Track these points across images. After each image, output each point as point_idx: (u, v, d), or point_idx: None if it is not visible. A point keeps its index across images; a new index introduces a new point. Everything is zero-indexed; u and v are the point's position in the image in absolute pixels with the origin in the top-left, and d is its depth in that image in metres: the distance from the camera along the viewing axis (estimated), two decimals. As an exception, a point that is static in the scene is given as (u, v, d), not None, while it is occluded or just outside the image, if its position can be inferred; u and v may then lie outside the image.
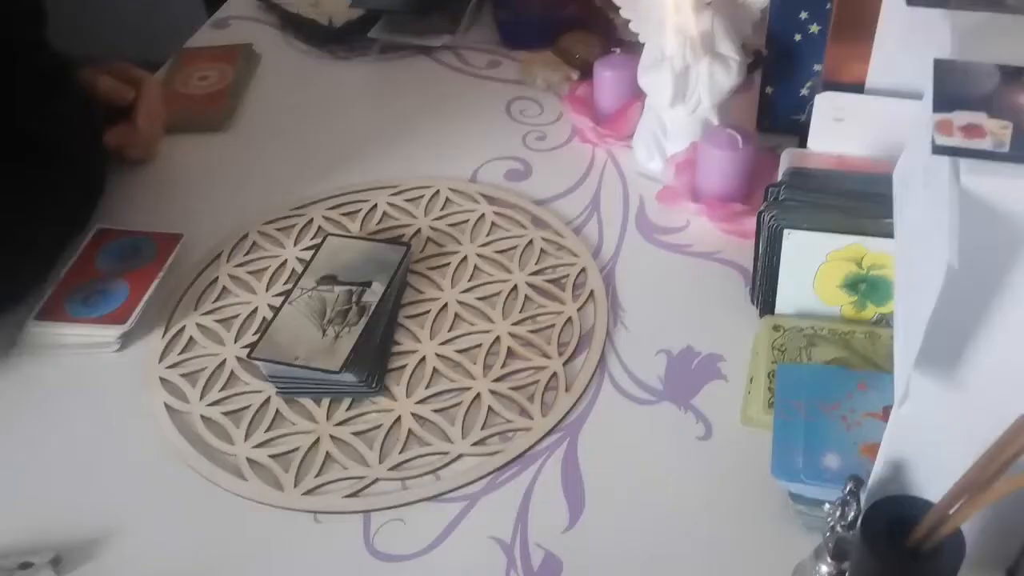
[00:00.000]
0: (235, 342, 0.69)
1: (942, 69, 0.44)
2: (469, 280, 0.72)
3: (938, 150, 0.40)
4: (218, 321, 0.71)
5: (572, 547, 0.56)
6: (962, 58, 0.44)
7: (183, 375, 0.67)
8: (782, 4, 0.77)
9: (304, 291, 0.68)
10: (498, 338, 0.68)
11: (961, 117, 0.41)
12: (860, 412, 0.55)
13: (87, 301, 0.70)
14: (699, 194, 0.76)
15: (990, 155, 0.39)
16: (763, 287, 0.66)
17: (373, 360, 0.65)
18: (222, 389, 0.66)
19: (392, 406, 0.64)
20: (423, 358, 0.67)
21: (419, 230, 0.77)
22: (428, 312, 0.70)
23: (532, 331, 0.68)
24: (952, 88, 0.42)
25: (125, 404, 0.65)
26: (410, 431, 0.62)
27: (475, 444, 0.61)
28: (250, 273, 0.74)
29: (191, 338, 0.69)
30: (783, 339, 0.63)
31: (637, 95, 0.82)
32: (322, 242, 0.72)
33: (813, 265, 0.63)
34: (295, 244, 0.77)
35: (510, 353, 0.67)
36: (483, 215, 0.78)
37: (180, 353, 0.68)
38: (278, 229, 0.78)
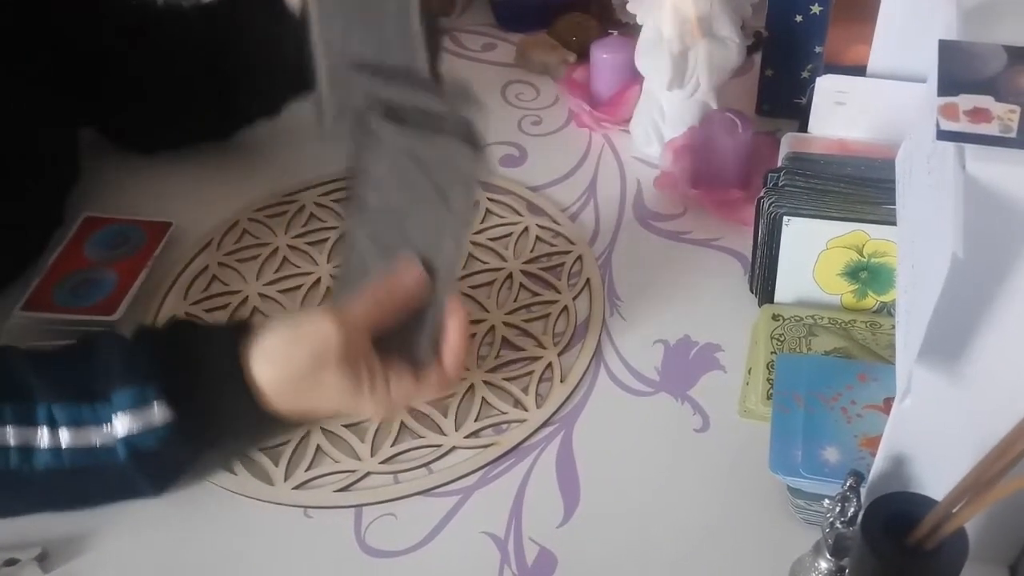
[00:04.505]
0: (225, 333, 0.68)
1: (947, 51, 0.42)
2: (463, 268, 0.71)
3: (943, 136, 0.38)
4: (208, 311, 0.69)
5: (567, 542, 0.55)
6: (968, 39, 0.43)
7: (172, 367, 0.66)
8: (783, -16, 0.75)
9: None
10: (492, 328, 0.67)
11: (967, 101, 0.39)
12: (861, 404, 0.54)
13: (75, 291, 0.69)
14: (697, 180, 0.75)
15: (997, 141, 0.38)
16: (762, 275, 0.65)
17: None
18: (211, 381, 0.64)
19: (384, 398, 0.63)
20: (416, 348, 0.65)
21: (412, 217, 0.76)
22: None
23: (527, 320, 0.67)
24: (957, 71, 0.41)
25: (113, 396, 0.64)
26: (402, 423, 0.61)
27: (468, 436, 0.60)
28: (240, 262, 0.73)
29: (180, 329, 0.68)
30: (782, 328, 0.62)
31: (635, 78, 0.81)
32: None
33: (813, 253, 0.62)
34: (286, 232, 0.75)
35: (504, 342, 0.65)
36: (477, 202, 0.77)
37: (169, 344, 0.67)
38: (269, 216, 0.77)
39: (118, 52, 0.75)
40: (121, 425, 0.51)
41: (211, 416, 0.53)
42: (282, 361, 0.52)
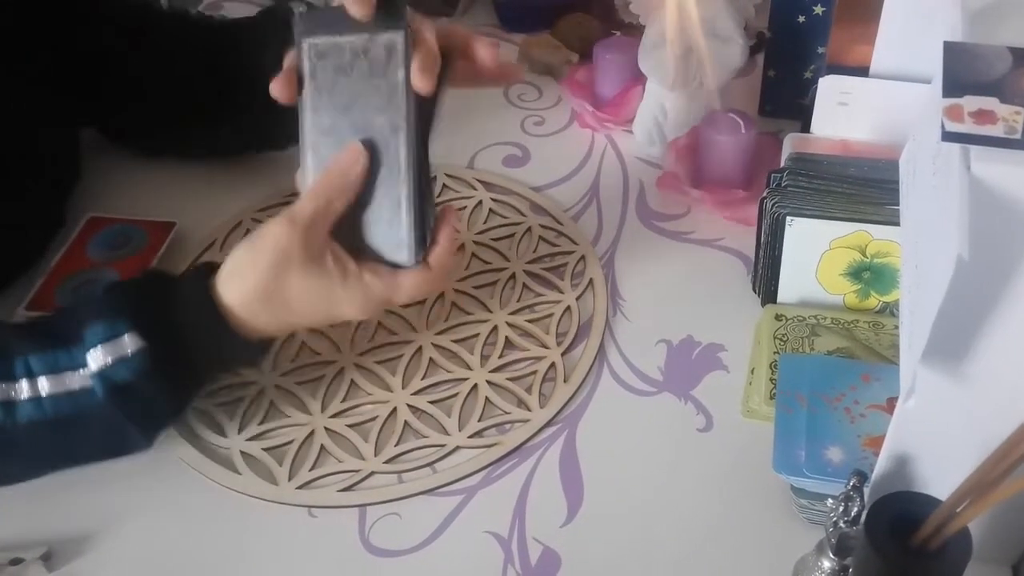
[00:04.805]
0: (228, 332, 0.68)
1: (952, 52, 0.42)
2: (466, 268, 0.71)
3: (947, 137, 0.39)
4: (211, 311, 0.69)
5: (570, 541, 0.55)
6: (972, 40, 0.43)
7: (175, 366, 0.66)
8: (785, -15, 0.75)
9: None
10: (495, 328, 0.67)
11: (971, 102, 0.39)
12: (864, 404, 0.54)
13: (77, 292, 0.69)
14: (700, 180, 0.75)
15: (1002, 142, 0.38)
16: (765, 275, 0.65)
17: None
18: (215, 380, 0.64)
19: (388, 397, 0.63)
20: (419, 348, 0.65)
21: (415, 217, 0.76)
22: (424, 301, 0.69)
23: (530, 320, 0.67)
24: (962, 72, 0.41)
25: (117, 396, 0.64)
26: (406, 423, 0.61)
27: (472, 436, 0.60)
28: (244, 262, 0.73)
29: (184, 328, 0.68)
30: (785, 329, 0.62)
31: (637, 79, 0.81)
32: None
33: (816, 253, 0.62)
34: (289, 232, 0.75)
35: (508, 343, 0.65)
36: (480, 202, 0.77)
37: (172, 344, 0.67)
38: (272, 216, 0.77)
39: (118, 52, 0.75)
40: (94, 361, 0.51)
41: (184, 342, 0.53)
42: (245, 273, 0.53)
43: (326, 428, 0.61)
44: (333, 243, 0.54)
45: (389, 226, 0.55)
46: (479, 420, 0.61)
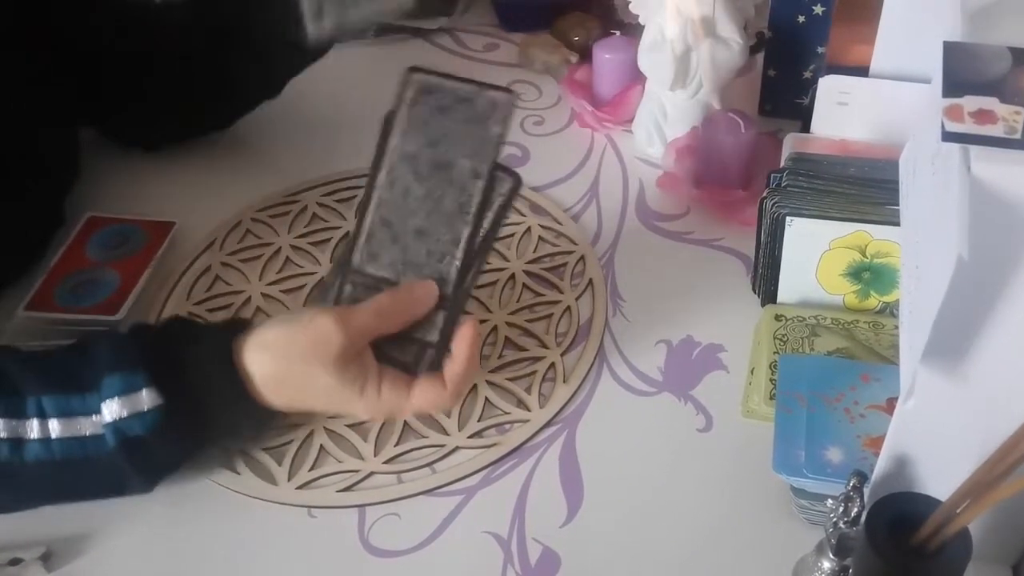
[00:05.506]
0: (228, 332, 0.68)
1: (951, 52, 0.42)
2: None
3: (947, 137, 0.38)
4: (211, 311, 0.69)
5: (570, 541, 0.55)
6: (972, 40, 0.43)
7: (175, 366, 0.66)
8: (785, -16, 0.75)
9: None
10: (495, 328, 0.67)
11: (971, 102, 0.39)
12: (863, 404, 0.54)
13: (76, 291, 0.69)
14: (700, 180, 0.75)
15: (1002, 142, 0.38)
16: (765, 275, 0.65)
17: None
18: (214, 381, 0.64)
19: (387, 398, 0.63)
20: (419, 348, 0.65)
21: (415, 217, 0.76)
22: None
23: (530, 321, 0.67)
24: (962, 72, 0.41)
25: (116, 396, 0.64)
26: (405, 423, 0.61)
27: (471, 436, 0.60)
28: (243, 261, 0.73)
29: (183, 328, 0.68)
30: (785, 329, 0.62)
31: (637, 78, 0.81)
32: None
33: (816, 253, 0.62)
34: (289, 231, 0.75)
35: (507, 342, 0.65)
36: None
37: (172, 344, 0.67)
38: (272, 216, 0.77)
39: (118, 52, 0.75)
40: (109, 411, 0.51)
41: (200, 405, 0.53)
42: (279, 351, 0.52)
43: (325, 428, 0.61)
44: (367, 352, 0.53)
45: (412, 338, 0.54)
46: (479, 420, 0.61)
